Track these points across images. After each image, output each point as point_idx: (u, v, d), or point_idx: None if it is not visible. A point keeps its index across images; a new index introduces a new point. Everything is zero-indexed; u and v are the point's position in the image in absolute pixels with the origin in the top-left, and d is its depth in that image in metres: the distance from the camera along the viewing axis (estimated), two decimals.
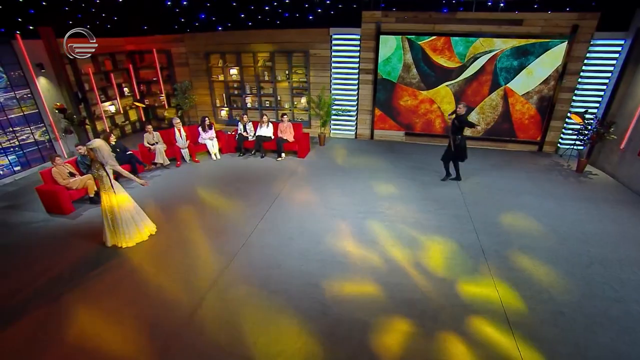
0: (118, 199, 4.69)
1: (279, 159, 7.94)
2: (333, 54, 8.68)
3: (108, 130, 9.32)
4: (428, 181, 6.83)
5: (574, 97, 7.86)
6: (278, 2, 8.55)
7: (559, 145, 8.36)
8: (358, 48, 8.50)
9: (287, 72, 9.04)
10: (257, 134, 8.14)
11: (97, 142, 4.48)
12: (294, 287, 4.03)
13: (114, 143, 7.08)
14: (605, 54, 7.41)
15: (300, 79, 9.08)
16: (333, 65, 8.80)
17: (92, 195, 6.15)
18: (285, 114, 8.16)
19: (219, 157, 8.12)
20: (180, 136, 7.84)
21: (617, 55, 7.29)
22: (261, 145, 8.03)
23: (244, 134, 8.16)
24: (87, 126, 8.58)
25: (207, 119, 8.13)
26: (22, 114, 7.46)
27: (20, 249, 4.89)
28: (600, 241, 4.94)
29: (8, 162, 7.25)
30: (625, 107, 6.94)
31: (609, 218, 5.53)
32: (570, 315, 3.67)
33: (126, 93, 9.85)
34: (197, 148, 8.07)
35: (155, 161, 7.53)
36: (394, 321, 3.58)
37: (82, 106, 8.52)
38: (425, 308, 3.73)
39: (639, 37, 6.63)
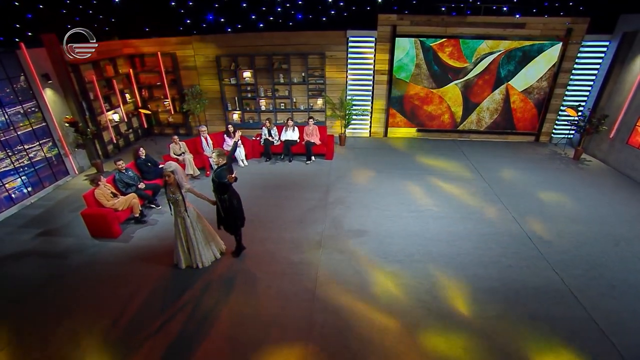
0: (192, 221, 4.63)
1: (308, 162, 8.07)
2: (349, 55, 8.86)
3: (115, 140, 8.82)
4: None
5: (567, 92, 8.86)
6: (291, 4, 8.52)
7: (552, 134, 9.39)
8: (373, 50, 8.76)
9: (303, 73, 9.07)
10: (283, 138, 8.18)
11: (175, 165, 4.38)
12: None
13: (144, 157, 6.80)
14: (594, 54, 8.42)
15: (317, 81, 9.16)
16: (349, 66, 9.00)
17: (137, 215, 5.94)
18: (311, 117, 8.26)
19: (246, 163, 8.07)
20: (207, 144, 7.67)
21: (603, 55, 8.32)
22: (289, 150, 8.09)
23: (270, 138, 8.15)
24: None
25: (230, 126, 7.99)
26: (30, 129, 6.83)
27: (95, 282, 4.63)
28: (616, 222, 5.83)
29: (21, 183, 6.65)
30: (613, 101, 7.99)
31: (616, 201, 6.48)
32: (620, 287, 4.42)
33: (128, 99, 9.25)
34: None
35: (186, 172, 7.33)
36: None
37: (88, 116, 7.93)
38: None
39: (624, 40, 7.64)
